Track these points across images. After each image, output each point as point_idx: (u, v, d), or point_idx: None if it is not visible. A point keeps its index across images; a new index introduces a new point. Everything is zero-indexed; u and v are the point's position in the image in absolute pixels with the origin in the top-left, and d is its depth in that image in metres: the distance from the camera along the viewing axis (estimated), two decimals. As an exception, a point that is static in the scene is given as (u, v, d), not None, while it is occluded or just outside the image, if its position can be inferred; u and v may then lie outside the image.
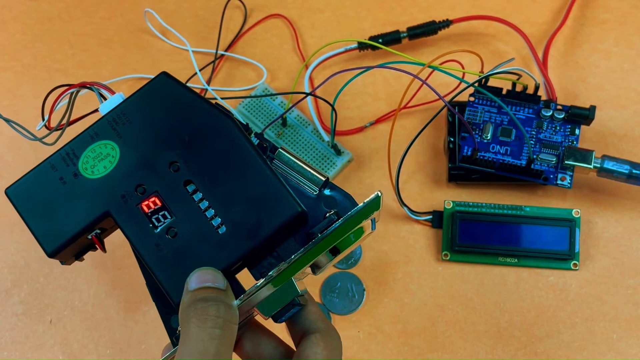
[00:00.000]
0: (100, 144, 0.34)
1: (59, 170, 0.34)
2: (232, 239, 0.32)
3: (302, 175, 0.34)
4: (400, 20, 0.55)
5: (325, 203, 0.34)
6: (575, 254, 0.45)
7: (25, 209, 0.34)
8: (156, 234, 0.32)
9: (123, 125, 0.34)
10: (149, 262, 0.32)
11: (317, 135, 0.50)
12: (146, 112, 0.34)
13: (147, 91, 0.35)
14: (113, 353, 0.46)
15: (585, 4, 0.54)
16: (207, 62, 0.54)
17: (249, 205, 0.32)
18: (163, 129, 0.34)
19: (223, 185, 0.33)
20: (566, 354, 0.44)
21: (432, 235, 0.47)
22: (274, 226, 0.32)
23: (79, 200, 0.33)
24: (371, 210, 0.33)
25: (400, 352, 0.44)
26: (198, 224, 0.32)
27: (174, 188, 0.33)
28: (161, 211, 0.33)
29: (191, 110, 0.34)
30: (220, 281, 0.31)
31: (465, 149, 0.46)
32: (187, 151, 0.33)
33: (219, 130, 0.33)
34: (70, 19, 0.57)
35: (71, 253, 0.35)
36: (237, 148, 0.33)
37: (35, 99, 0.54)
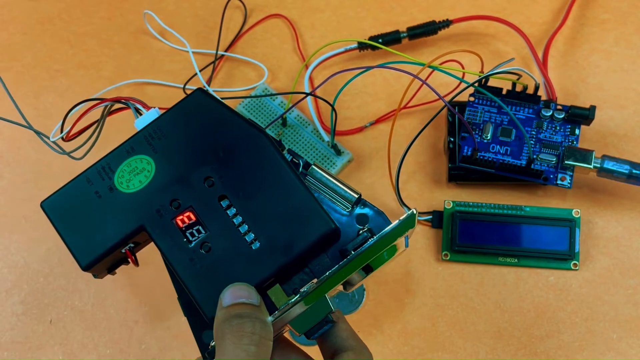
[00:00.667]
0: (136, 158, 0.34)
1: (95, 184, 0.34)
2: (266, 255, 0.32)
3: (334, 192, 0.35)
4: (400, 20, 0.55)
5: (358, 220, 0.34)
6: (575, 254, 0.45)
7: (60, 222, 0.34)
8: (190, 248, 0.33)
9: (159, 140, 0.34)
10: (183, 277, 0.32)
11: (317, 135, 0.50)
12: (182, 127, 0.34)
13: (182, 107, 0.35)
14: (113, 353, 0.46)
15: (585, 4, 0.54)
16: (207, 62, 0.54)
17: (282, 221, 0.32)
18: (198, 144, 0.34)
19: (257, 200, 0.33)
20: (566, 354, 0.44)
21: (432, 235, 0.47)
22: (307, 242, 0.32)
23: (114, 214, 0.34)
24: (406, 227, 0.33)
25: (400, 352, 0.44)
26: (232, 239, 0.32)
27: (209, 203, 0.33)
28: (195, 226, 0.33)
29: (226, 126, 0.34)
30: (254, 297, 0.31)
31: (465, 149, 0.46)
32: (222, 166, 0.33)
33: (253, 146, 0.34)
34: (70, 19, 0.57)
35: (104, 267, 0.35)
36: (270, 164, 0.33)
37: (36, 99, 0.54)
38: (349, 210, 0.35)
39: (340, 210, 0.35)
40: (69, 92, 0.54)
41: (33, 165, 0.52)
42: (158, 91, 0.54)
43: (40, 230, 0.49)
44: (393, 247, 0.33)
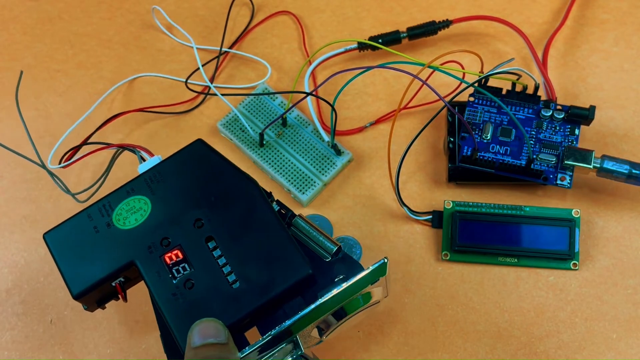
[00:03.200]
0: (134, 198, 0.37)
1: (94, 220, 0.37)
2: (245, 295, 0.34)
3: (316, 242, 0.37)
4: (400, 20, 0.55)
5: (337, 268, 0.36)
6: (575, 253, 0.45)
7: (59, 253, 0.36)
8: (174, 284, 0.34)
9: (157, 183, 0.37)
10: (164, 310, 0.34)
11: (317, 135, 0.50)
12: (179, 173, 0.37)
13: (182, 155, 0.38)
14: (113, 353, 0.46)
15: (585, 4, 0.54)
16: (210, 61, 0.54)
17: (263, 265, 0.34)
18: (193, 189, 0.37)
19: (242, 244, 0.35)
20: (566, 354, 0.44)
21: (432, 235, 0.47)
22: (285, 285, 0.34)
23: (108, 249, 0.36)
24: (375, 276, 0.35)
25: (400, 352, 0.44)
26: (214, 279, 0.34)
27: (196, 243, 0.35)
28: (182, 263, 0.35)
29: (220, 175, 0.37)
30: (222, 335, 0.32)
31: (465, 149, 0.46)
32: (212, 211, 0.36)
33: (244, 194, 0.36)
34: (70, 19, 0.57)
35: (94, 298, 0.37)
36: (258, 212, 0.36)
37: (36, 100, 0.54)
38: (329, 259, 0.37)
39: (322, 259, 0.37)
40: (69, 92, 0.54)
41: (33, 166, 0.52)
42: (160, 89, 0.54)
43: (41, 230, 0.49)
44: (367, 293, 0.36)
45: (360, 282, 0.34)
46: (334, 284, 0.35)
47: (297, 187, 0.48)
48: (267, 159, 0.50)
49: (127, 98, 0.54)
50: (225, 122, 0.51)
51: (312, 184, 0.48)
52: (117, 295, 0.37)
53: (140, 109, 0.52)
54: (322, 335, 0.36)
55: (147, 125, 0.52)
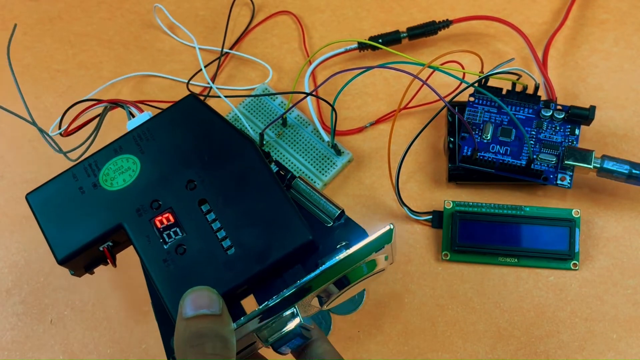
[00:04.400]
0: (122, 157, 0.35)
1: (80, 180, 0.35)
2: (240, 261, 0.32)
3: (317, 205, 0.35)
4: (400, 21, 0.55)
5: (339, 234, 0.34)
6: (575, 254, 0.45)
7: (42, 215, 0.34)
8: (165, 249, 0.33)
9: (147, 141, 0.35)
10: (154, 277, 0.32)
11: (317, 135, 0.50)
12: (170, 130, 0.35)
13: (173, 111, 0.35)
14: (113, 353, 0.46)
15: (585, 4, 0.54)
16: (209, 61, 0.55)
17: (260, 230, 0.32)
18: (185, 148, 0.34)
19: (237, 207, 0.33)
20: (566, 354, 0.44)
21: (432, 235, 0.47)
22: (284, 252, 0.32)
23: (94, 211, 0.34)
24: (381, 243, 0.33)
25: (400, 352, 0.44)
26: (208, 244, 0.32)
27: (189, 206, 0.33)
28: (173, 227, 0.33)
29: (214, 132, 0.34)
30: (216, 305, 0.30)
31: (465, 149, 0.46)
32: (206, 171, 0.34)
33: (240, 153, 0.34)
34: (70, 19, 0.57)
35: (82, 263, 0.35)
36: (255, 172, 0.33)
37: (36, 99, 0.54)
38: (331, 224, 0.35)
39: (323, 224, 0.35)
40: (69, 92, 0.54)
41: (33, 165, 0.52)
42: (161, 89, 0.54)
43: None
44: (372, 262, 0.33)
45: (364, 249, 0.32)
46: (335, 250, 0.33)
47: (297, 187, 0.48)
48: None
49: (128, 96, 0.54)
50: (225, 122, 0.51)
51: (312, 183, 0.48)
52: (106, 260, 0.35)
53: (142, 101, 0.51)
54: (322, 304, 0.34)
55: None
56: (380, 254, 0.33)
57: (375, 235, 0.32)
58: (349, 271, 0.32)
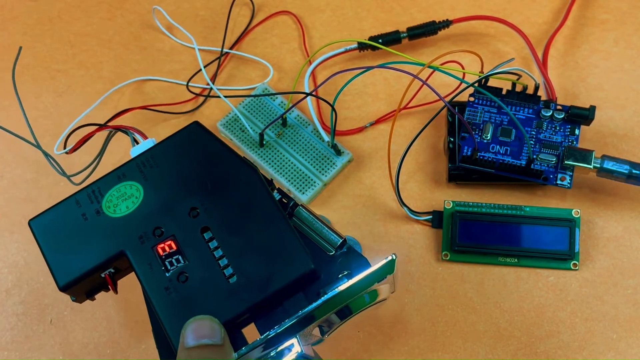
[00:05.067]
0: (126, 184, 0.34)
1: (83, 207, 0.34)
2: (242, 290, 0.32)
3: (319, 234, 0.35)
4: (400, 21, 0.55)
5: (341, 263, 0.34)
6: (575, 254, 0.45)
7: (44, 241, 0.34)
8: (167, 277, 0.33)
9: (150, 168, 0.35)
10: (156, 305, 0.32)
11: (317, 135, 0.50)
12: (174, 158, 0.35)
13: (177, 138, 0.36)
14: (113, 353, 0.46)
15: (585, 4, 0.54)
16: (209, 61, 0.54)
17: (262, 258, 0.32)
18: (188, 175, 0.34)
19: (239, 235, 0.33)
20: (566, 354, 0.44)
21: (432, 235, 0.47)
22: (285, 280, 0.32)
23: (97, 237, 0.34)
24: (383, 273, 0.33)
25: (400, 352, 0.44)
26: (210, 272, 0.32)
27: (191, 234, 0.33)
28: (175, 255, 0.33)
29: (217, 160, 0.34)
30: (217, 334, 0.30)
31: (465, 149, 0.46)
32: (209, 199, 0.34)
33: (243, 181, 0.34)
34: (70, 19, 0.57)
35: (83, 289, 0.35)
36: (257, 200, 0.33)
37: (36, 100, 0.54)
38: (333, 253, 0.34)
39: (325, 252, 0.35)
40: (69, 92, 0.54)
41: (33, 166, 0.52)
42: (161, 89, 0.54)
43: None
44: (374, 291, 0.33)
45: (366, 280, 0.32)
46: (337, 280, 0.33)
47: (297, 187, 0.48)
48: (267, 159, 0.50)
49: (128, 98, 0.54)
50: (226, 122, 0.51)
51: (312, 184, 0.48)
52: (108, 287, 0.35)
53: (144, 107, 0.51)
54: (323, 334, 0.34)
55: (148, 125, 0.52)
56: (383, 284, 0.33)
57: (377, 265, 0.32)
58: (351, 301, 0.32)
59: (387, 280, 0.33)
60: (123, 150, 0.47)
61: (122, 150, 0.47)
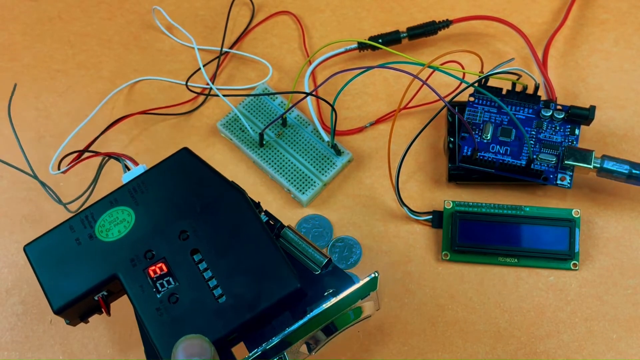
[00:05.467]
0: (118, 209, 0.36)
1: (76, 232, 0.36)
2: (231, 310, 0.33)
3: (305, 254, 0.36)
4: (400, 20, 0.55)
5: (327, 282, 0.35)
6: (575, 254, 0.45)
7: (39, 266, 0.35)
8: (158, 298, 0.34)
9: (141, 193, 0.36)
10: (148, 326, 0.33)
11: (317, 135, 0.50)
12: (164, 183, 0.36)
13: (167, 164, 0.37)
14: (113, 353, 0.46)
15: (585, 4, 0.54)
16: (209, 61, 0.54)
17: (250, 278, 0.33)
18: (178, 199, 0.36)
19: (228, 256, 0.34)
20: (566, 354, 0.44)
21: (432, 235, 0.47)
22: (273, 300, 0.33)
23: (90, 261, 0.35)
24: (366, 290, 0.34)
25: (400, 352, 0.44)
26: (200, 293, 0.33)
27: (181, 256, 0.34)
28: (166, 277, 0.34)
29: (206, 185, 0.36)
30: (207, 353, 0.31)
31: (465, 149, 0.46)
32: (198, 222, 0.35)
33: (231, 205, 0.35)
34: (70, 19, 0.57)
35: (77, 313, 0.36)
36: (245, 223, 0.35)
37: (36, 100, 0.54)
38: (318, 272, 0.36)
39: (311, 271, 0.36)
40: (69, 92, 0.54)
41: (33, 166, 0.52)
42: (160, 89, 0.54)
43: (40, 230, 0.49)
44: (358, 308, 0.35)
45: (350, 297, 0.33)
46: (323, 298, 0.34)
47: (297, 187, 0.48)
48: (267, 159, 0.50)
49: (128, 99, 0.54)
50: (225, 122, 0.51)
51: (312, 184, 0.48)
52: (101, 310, 0.36)
53: (142, 112, 0.51)
54: (311, 351, 0.35)
55: (149, 126, 0.52)
56: (366, 300, 0.35)
57: (360, 283, 0.34)
58: (336, 318, 0.34)
59: (370, 297, 0.35)
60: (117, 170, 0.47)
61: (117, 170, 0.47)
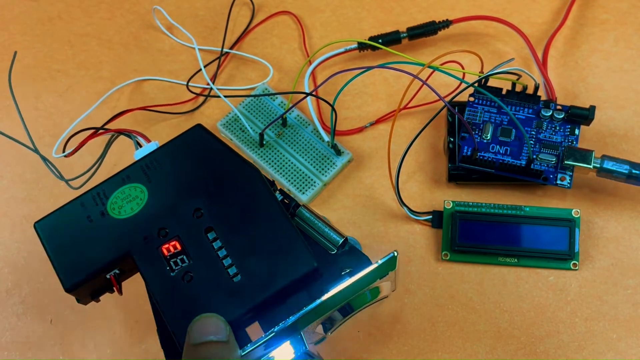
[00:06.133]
0: (130, 186, 0.35)
1: (88, 209, 0.35)
2: (246, 289, 0.32)
3: (321, 233, 0.35)
4: (400, 21, 0.55)
5: (343, 261, 0.35)
6: (575, 254, 0.45)
7: (50, 243, 0.35)
8: (172, 277, 0.33)
9: (154, 170, 0.35)
10: (161, 305, 0.33)
11: (317, 135, 0.50)
12: (177, 160, 0.36)
13: (180, 141, 0.36)
14: (113, 353, 0.46)
15: (585, 4, 0.54)
16: (209, 61, 0.54)
17: (266, 257, 0.33)
18: (191, 176, 0.35)
19: (243, 235, 0.33)
20: (566, 354, 0.44)
21: (432, 235, 0.47)
22: (289, 279, 0.32)
23: (102, 239, 0.34)
24: (385, 270, 0.33)
25: (400, 352, 0.44)
26: (214, 272, 0.33)
27: (195, 234, 0.34)
28: (180, 255, 0.33)
29: (220, 162, 0.35)
30: (223, 331, 0.30)
31: (465, 149, 0.46)
32: (212, 200, 0.34)
33: (245, 182, 0.34)
34: (70, 19, 0.57)
35: (88, 291, 0.36)
36: (260, 201, 0.34)
37: (36, 100, 0.54)
38: (335, 252, 0.35)
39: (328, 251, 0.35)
40: (69, 92, 0.54)
41: (33, 166, 0.52)
42: (161, 89, 0.54)
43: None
44: (375, 288, 0.34)
45: (369, 276, 0.32)
46: (340, 278, 0.33)
47: (297, 187, 0.48)
48: (267, 159, 0.50)
49: (128, 97, 0.54)
50: (226, 122, 0.51)
51: (312, 184, 0.48)
52: (112, 288, 0.36)
53: (144, 107, 0.51)
54: (327, 331, 0.35)
55: (149, 126, 0.52)
56: (384, 280, 0.34)
57: (379, 262, 0.33)
58: (353, 298, 0.33)
59: (388, 277, 0.34)
60: (121, 152, 0.47)
61: (120, 152, 0.47)
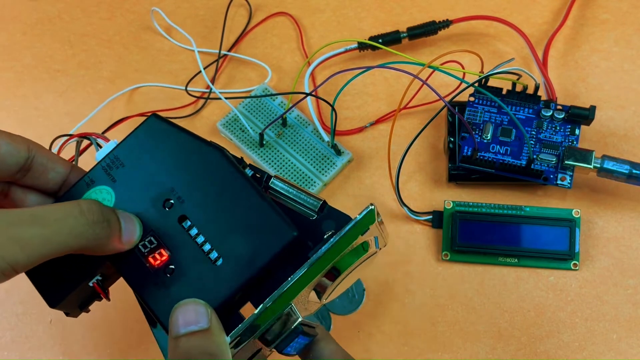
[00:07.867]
0: (96, 189, 0.34)
1: None
2: (231, 271, 0.32)
3: (298, 201, 0.35)
4: (400, 20, 0.55)
5: (326, 225, 0.34)
6: (575, 254, 0.45)
7: None
8: (153, 273, 0.32)
9: (117, 169, 0.35)
10: (149, 302, 0.32)
11: (317, 135, 0.50)
12: (138, 154, 0.35)
13: (138, 134, 0.35)
14: (113, 353, 0.46)
15: (585, 4, 0.54)
16: (208, 62, 0.54)
17: (245, 236, 0.32)
18: (155, 168, 0.34)
19: (217, 218, 0.33)
20: (566, 354, 0.44)
21: (432, 235, 0.47)
22: (272, 253, 0.31)
23: None
24: (364, 224, 0.32)
25: (400, 352, 0.44)
26: (195, 260, 0.32)
27: (169, 225, 0.33)
28: (157, 249, 0.33)
29: (181, 148, 0.34)
30: (204, 318, 0.30)
31: (465, 149, 0.46)
32: (180, 188, 0.33)
33: (210, 164, 0.33)
34: (70, 19, 0.57)
35: (75, 303, 0.35)
36: (228, 180, 0.33)
37: (36, 99, 0.54)
38: (315, 217, 0.34)
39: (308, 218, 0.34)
40: (69, 92, 0.54)
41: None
42: (161, 90, 0.54)
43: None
44: (359, 247, 0.33)
45: (348, 234, 0.32)
46: (324, 241, 0.32)
47: (297, 187, 0.48)
48: (267, 159, 0.50)
49: (129, 100, 0.54)
50: (226, 122, 0.51)
51: (312, 184, 0.48)
52: (99, 296, 0.35)
53: (142, 114, 0.51)
54: (320, 298, 0.34)
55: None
56: (367, 236, 0.33)
57: (356, 218, 0.32)
58: (338, 259, 0.32)
59: (371, 231, 0.33)
60: None
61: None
